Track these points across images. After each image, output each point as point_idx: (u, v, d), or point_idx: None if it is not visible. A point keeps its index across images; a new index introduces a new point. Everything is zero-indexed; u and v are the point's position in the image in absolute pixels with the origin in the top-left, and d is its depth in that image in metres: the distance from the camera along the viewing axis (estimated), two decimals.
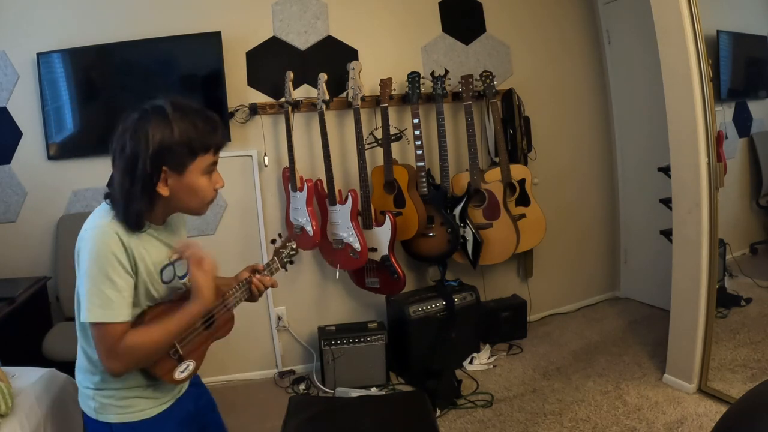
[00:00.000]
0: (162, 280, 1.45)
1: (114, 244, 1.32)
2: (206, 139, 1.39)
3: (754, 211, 3.51)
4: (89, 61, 3.14)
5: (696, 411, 2.70)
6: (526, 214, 3.56)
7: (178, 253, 1.47)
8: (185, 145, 1.35)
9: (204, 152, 1.39)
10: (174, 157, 1.35)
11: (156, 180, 1.35)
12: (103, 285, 1.30)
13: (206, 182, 1.43)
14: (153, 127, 1.33)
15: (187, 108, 1.38)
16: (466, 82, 3.40)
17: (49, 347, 2.71)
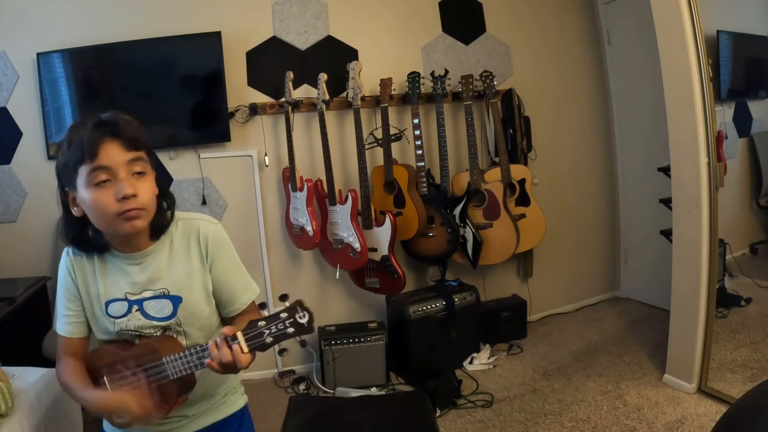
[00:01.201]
0: (106, 313, 1.34)
1: (62, 266, 1.38)
2: (77, 143, 1.22)
3: (754, 211, 3.51)
4: (89, 61, 3.14)
5: (696, 411, 2.70)
6: (526, 214, 3.56)
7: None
8: (66, 159, 1.25)
9: (81, 162, 1.22)
10: (64, 174, 1.28)
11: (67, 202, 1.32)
12: (58, 297, 1.40)
13: (97, 194, 1.22)
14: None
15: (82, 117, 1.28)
16: (466, 82, 3.40)
17: (49, 348, 2.71)
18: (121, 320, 1.33)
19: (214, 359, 1.21)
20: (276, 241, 3.51)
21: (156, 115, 3.26)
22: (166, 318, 1.34)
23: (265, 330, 1.20)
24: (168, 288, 1.35)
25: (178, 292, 1.35)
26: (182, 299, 1.35)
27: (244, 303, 1.45)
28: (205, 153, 3.34)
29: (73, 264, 1.34)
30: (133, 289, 1.33)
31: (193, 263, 1.37)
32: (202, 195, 3.36)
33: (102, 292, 1.34)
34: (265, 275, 3.46)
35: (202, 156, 3.34)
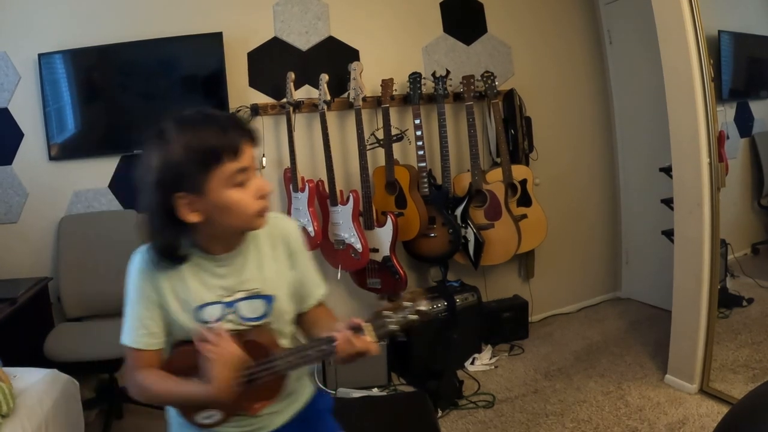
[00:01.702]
0: (199, 318, 1.29)
1: (139, 273, 1.29)
2: (215, 145, 1.16)
3: (755, 211, 3.51)
4: (90, 62, 3.14)
5: (698, 411, 2.70)
6: (528, 214, 3.56)
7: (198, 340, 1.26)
8: (192, 162, 1.15)
9: (218, 162, 1.16)
10: (183, 178, 1.16)
11: (174, 209, 1.18)
12: (128, 309, 1.31)
13: (239, 194, 1.20)
14: (150, 152, 1.18)
15: (189, 117, 1.20)
16: (467, 82, 3.40)
17: (51, 348, 2.71)
18: (216, 324, 1.30)
19: (342, 350, 1.20)
20: None
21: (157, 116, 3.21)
22: (259, 318, 1.34)
23: (391, 318, 1.23)
24: (260, 288, 1.33)
25: (270, 291, 1.35)
26: (274, 298, 1.35)
27: (316, 298, 1.46)
28: None
29: (153, 271, 1.27)
30: (226, 291, 1.31)
31: (280, 262, 1.38)
32: None
33: (192, 297, 1.29)
34: None
35: None
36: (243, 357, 1.26)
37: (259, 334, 1.33)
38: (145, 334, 1.29)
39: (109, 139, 3.23)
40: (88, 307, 3.13)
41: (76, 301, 3.10)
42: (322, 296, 1.47)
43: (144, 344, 1.29)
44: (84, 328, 3.02)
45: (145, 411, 3.08)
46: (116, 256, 3.12)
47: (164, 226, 1.21)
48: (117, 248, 3.15)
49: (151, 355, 1.30)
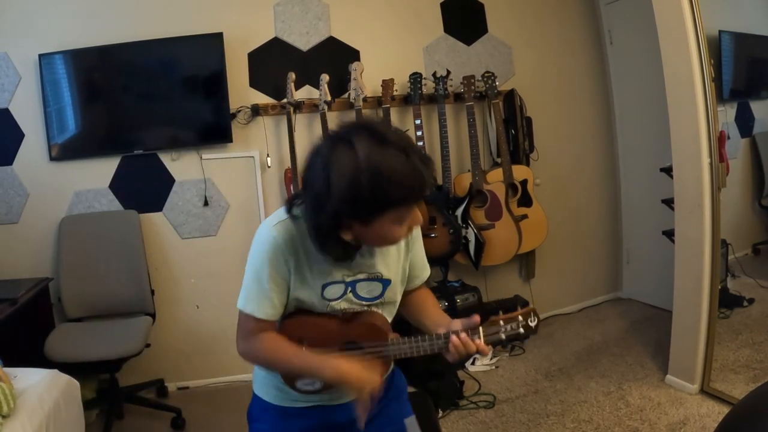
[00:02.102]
0: (322, 295, 1.35)
1: (273, 249, 1.29)
2: (403, 193, 1.15)
3: (756, 212, 3.50)
4: (91, 63, 3.14)
5: (698, 412, 2.70)
6: (528, 214, 3.56)
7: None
8: (374, 202, 1.14)
9: (397, 206, 1.18)
10: (361, 212, 1.17)
11: (338, 228, 1.22)
12: (252, 279, 1.32)
13: (397, 230, 1.23)
14: (338, 172, 1.13)
15: (384, 149, 1.13)
16: (467, 82, 3.40)
17: (51, 348, 2.71)
18: (335, 302, 1.36)
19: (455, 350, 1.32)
20: None
21: (158, 116, 3.26)
22: (374, 299, 1.40)
23: (503, 327, 1.36)
24: (381, 272, 1.39)
25: (389, 275, 1.41)
26: (391, 282, 1.41)
27: (422, 279, 1.55)
28: (207, 154, 3.34)
29: (288, 246, 1.29)
30: (350, 272, 1.36)
31: (400, 248, 1.44)
32: (204, 196, 3.36)
33: (320, 275, 1.33)
34: None
35: (204, 157, 3.34)
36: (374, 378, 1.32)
37: (374, 316, 1.41)
38: (268, 305, 1.33)
39: (109, 140, 3.24)
40: (89, 308, 3.14)
41: (76, 301, 3.11)
42: (426, 276, 1.56)
43: (265, 314, 1.33)
44: (84, 328, 3.02)
45: (146, 412, 3.08)
46: (117, 256, 3.16)
47: (327, 232, 1.23)
48: (118, 248, 3.17)
49: (270, 325, 1.36)
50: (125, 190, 3.29)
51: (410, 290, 1.54)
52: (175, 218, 3.37)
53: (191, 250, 3.40)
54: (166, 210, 3.35)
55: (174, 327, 3.39)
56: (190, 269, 3.40)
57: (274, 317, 1.35)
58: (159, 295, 3.28)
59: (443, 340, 1.34)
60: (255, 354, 1.37)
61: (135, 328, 2.91)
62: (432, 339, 1.35)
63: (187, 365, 3.43)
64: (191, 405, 3.15)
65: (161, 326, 3.30)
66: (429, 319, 1.49)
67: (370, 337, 1.38)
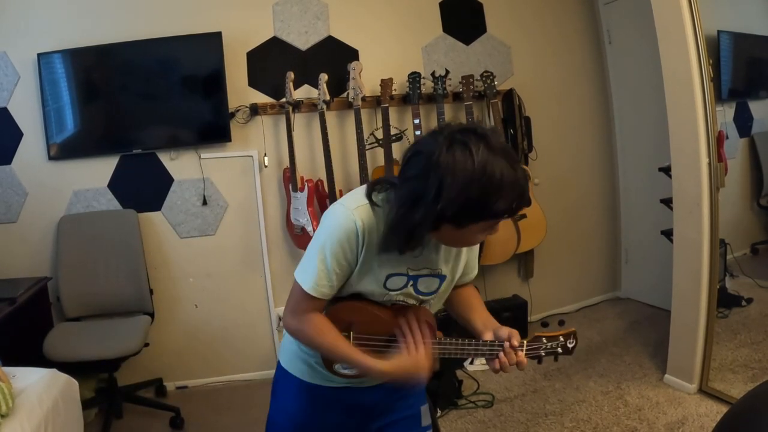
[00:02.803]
0: (385, 286, 1.35)
1: (348, 233, 1.27)
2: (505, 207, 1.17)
3: (754, 211, 3.51)
4: (90, 62, 3.14)
5: (697, 411, 2.70)
6: (527, 214, 3.56)
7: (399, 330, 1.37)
8: (478, 211, 1.16)
9: (497, 216, 1.19)
10: (459, 216, 1.17)
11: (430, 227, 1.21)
12: (318, 256, 1.30)
13: (482, 236, 1.27)
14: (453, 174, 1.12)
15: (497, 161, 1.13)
16: (466, 82, 3.40)
17: (50, 348, 2.71)
18: (395, 293, 1.37)
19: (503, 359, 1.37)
20: (277, 241, 3.51)
21: (157, 116, 3.26)
22: (430, 293, 1.41)
23: (545, 345, 1.43)
24: (442, 268, 1.40)
25: (447, 272, 1.42)
26: (446, 278, 1.42)
27: (471, 277, 1.56)
28: (205, 153, 3.34)
29: (363, 234, 1.27)
30: (414, 265, 1.36)
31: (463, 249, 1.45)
32: (202, 195, 3.36)
33: (386, 265, 1.32)
34: (266, 275, 3.46)
35: (203, 156, 3.34)
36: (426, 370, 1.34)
37: (425, 313, 1.42)
38: (327, 285, 1.32)
39: (108, 139, 3.24)
40: (88, 307, 3.13)
41: (75, 300, 3.11)
42: (474, 276, 1.58)
43: (320, 294, 1.32)
44: (83, 327, 3.02)
45: (145, 411, 3.08)
46: (116, 255, 3.16)
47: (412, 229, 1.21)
48: (116, 248, 3.17)
49: (322, 303, 1.36)
50: (124, 190, 3.29)
51: (458, 286, 1.55)
52: (174, 217, 3.37)
53: (190, 249, 3.40)
54: (164, 209, 3.35)
55: (173, 326, 3.39)
56: (189, 268, 3.40)
57: (329, 297, 1.34)
58: (158, 294, 3.28)
59: (488, 347, 1.38)
60: (302, 331, 1.37)
61: (134, 328, 2.91)
62: (479, 345, 1.39)
63: (186, 364, 3.43)
64: (190, 404, 3.15)
65: (160, 325, 3.30)
66: (477, 318, 1.50)
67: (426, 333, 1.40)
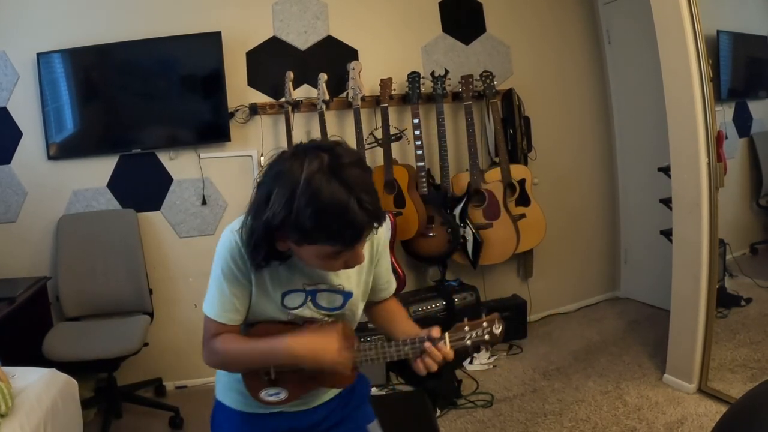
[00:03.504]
0: (283, 303, 1.35)
1: (233, 253, 1.30)
2: (330, 235, 1.13)
3: (754, 211, 3.51)
4: (89, 62, 3.14)
5: (696, 411, 2.70)
6: (526, 214, 3.56)
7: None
8: (300, 230, 1.13)
9: (323, 244, 1.15)
10: (296, 233, 1.15)
11: (272, 238, 1.20)
12: (214, 284, 1.34)
13: (327, 263, 1.22)
14: (281, 185, 1.13)
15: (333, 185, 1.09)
16: (466, 82, 3.40)
17: (49, 347, 2.71)
18: (296, 311, 1.36)
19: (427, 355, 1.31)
20: None
21: (156, 116, 3.26)
22: (334, 309, 1.40)
23: (468, 334, 1.34)
24: (343, 284, 1.39)
25: (350, 288, 1.41)
26: (352, 294, 1.41)
27: (389, 292, 1.55)
28: (205, 153, 3.34)
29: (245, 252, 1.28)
30: (310, 281, 1.36)
31: (365, 262, 1.41)
32: (202, 195, 3.36)
33: (280, 282, 1.33)
34: None
35: (202, 156, 3.34)
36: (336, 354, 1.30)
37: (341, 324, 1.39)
38: (231, 310, 1.34)
39: (107, 139, 3.23)
40: (87, 307, 3.13)
41: (74, 300, 3.11)
42: (392, 291, 1.56)
43: (227, 319, 1.35)
44: (82, 327, 3.02)
45: (144, 411, 3.08)
46: (115, 255, 3.15)
47: (263, 239, 1.21)
48: (116, 247, 3.17)
49: (231, 329, 1.37)
50: (123, 189, 3.28)
51: (378, 301, 1.54)
52: (173, 217, 3.36)
53: (189, 249, 3.39)
54: (164, 209, 3.35)
55: (172, 326, 3.39)
56: (188, 268, 3.40)
57: (237, 322, 1.36)
58: (157, 294, 3.28)
59: (409, 346, 1.33)
60: (218, 356, 1.37)
61: (133, 327, 2.91)
62: (398, 345, 1.34)
63: (185, 364, 3.43)
64: (189, 404, 3.15)
65: (159, 325, 3.30)
66: (399, 329, 1.48)
67: None
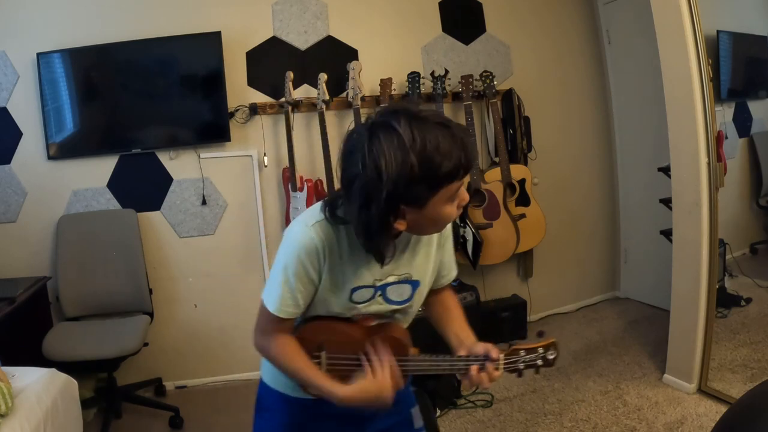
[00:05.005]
0: (351, 299, 1.32)
1: (308, 250, 1.25)
2: (453, 166, 1.11)
3: (754, 211, 3.51)
4: (89, 61, 3.14)
5: (696, 411, 2.70)
6: (526, 214, 3.56)
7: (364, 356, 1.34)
8: (427, 179, 1.11)
9: (450, 182, 1.13)
10: (413, 193, 1.12)
11: (393, 218, 1.16)
12: (280, 276, 1.28)
13: (450, 209, 1.19)
14: (386, 158, 1.09)
15: (426, 127, 1.11)
16: (466, 82, 3.40)
17: (49, 347, 2.71)
18: (363, 305, 1.34)
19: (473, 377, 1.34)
20: (276, 241, 3.50)
21: (156, 115, 3.26)
22: (404, 301, 1.38)
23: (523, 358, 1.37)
24: (410, 272, 1.36)
25: (418, 276, 1.38)
26: (419, 283, 1.39)
27: (449, 279, 1.52)
28: (205, 153, 3.34)
29: (326, 249, 1.25)
30: (380, 275, 1.32)
31: (432, 247, 1.40)
32: (202, 195, 3.36)
33: (350, 278, 1.30)
34: (265, 275, 3.45)
35: (202, 156, 3.34)
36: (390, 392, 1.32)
37: (398, 330, 1.40)
38: (292, 305, 1.30)
39: (107, 139, 3.24)
40: (87, 307, 3.13)
41: (74, 300, 3.11)
42: (453, 277, 1.53)
43: (287, 314, 1.31)
44: (82, 327, 3.02)
45: (144, 410, 3.08)
46: (115, 255, 3.15)
47: (380, 228, 1.17)
48: (116, 247, 3.17)
49: (289, 323, 1.34)
50: (123, 189, 3.29)
51: (435, 289, 1.51)
52: (173, 217, 3.36)
53: (189, 249, 3.39)
54: (164, 209, 3.35)
55: (172, 326, 3.39)
56: (188, 268, 3.40)
57: (295, 316, 1.33)
58: (157, 294, 3.28)
59: (464, 363, 1.35)
60: (268, 352, 1.36)
61: (133, 327, 2.91)
62: (453, 361, 1.36)
63: (185, 364, 3.43)
64: (189, 404, 3.15)
65: (159, 325, 3.30)
66: (452, 331, 1.48)
67: (391, 350, 1.38)
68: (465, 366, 1.33)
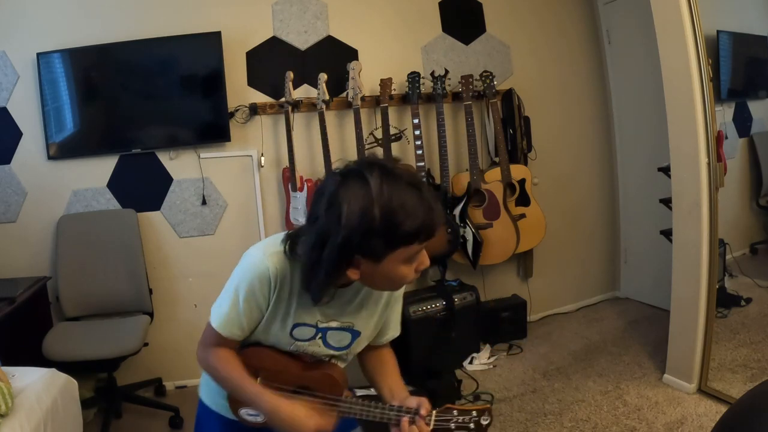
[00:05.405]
0: (291, 334, 1.34)
1: (261, 278, 1.26)
2: (415, 227, 1.12)
3: (754, 211, 3.51)
4: (89, 61, 3.14)
5: (696, 411, 2.70)
6: (526, 214, 3.56)
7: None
8: (386, 235, 1.11)
9: (410, 242, 1.14)
10: (370, 246, 1.13)
11: (345, 266, 1.18)
12: (229, 298, 1.31)
13: (407, 270, 1.20)
14: (349, 205, 1.11)
15: (397, 184, 1.12)
16: (466, 82, 3.40)
17: (49, 347, 2.71)
18: (302, 343, 1.36)
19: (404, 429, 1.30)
20: None
21: (156, 115, 3.26)
22: (341, 348, 1.40)
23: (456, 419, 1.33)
24: (354, 322, 1.38)
25: (360, 328, 1.40)
26: (360, 334, 1.40)
27: (389, 338, 1.53)
28: (205, 153, 3.34)
29: (278, 280, 1.26)
30: (324, 317, 1.35)
31: (380, 304, 1.41)
32: (202, 195, 3.36)
33: (294, 314, 1.32)
34: None
35: (202, 156, 3.34)
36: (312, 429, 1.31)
37: (335, 370, 1.42)
38: (237, 327, 1.32)
39: (107, 139, 3.23)
40: (87, 307, 3.13)
41: (74, 300, 3.11)
42: (393, 336, 1.53)
43: (230, 334, 1.33)
44: (82, 327, 3.02)
45: (144, 411, 3.08)
46: (115, 255, 3.15)
47: (328, 274, 1.19)
48: (116, 247, 3.17)
49: (231, 342, 1.36)
50: (123, 189, 3.28)
51: (374, 346, 1.52)
52: (173, 217, 3.36)
53: (189, 249, 3.40)
54: (164, 209, 3.35)
55: (172, 326, 3.39)
56: (188, 268, 3.40)
57: (238, 338, 1.35)
58: (157, 294, 3.28)
59: (395, 413, 1.33)
60: (208, 364, 1.37)
61: (133, 327, 2.91)
62: (384, 409, 1.34)
63: (185, 364, 3.43)
64: (189, 404, 3.15)
65: (159, 325, 3.30)
66: (386, 384, 1.46)
67: (326, 389, 1.39)
68: (396, 416, 1.32)
